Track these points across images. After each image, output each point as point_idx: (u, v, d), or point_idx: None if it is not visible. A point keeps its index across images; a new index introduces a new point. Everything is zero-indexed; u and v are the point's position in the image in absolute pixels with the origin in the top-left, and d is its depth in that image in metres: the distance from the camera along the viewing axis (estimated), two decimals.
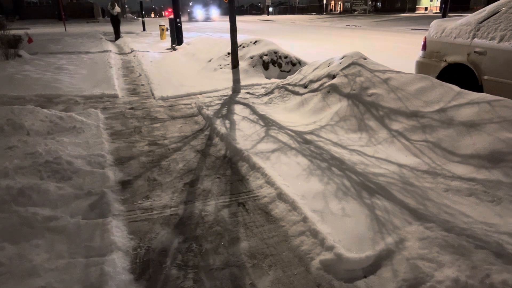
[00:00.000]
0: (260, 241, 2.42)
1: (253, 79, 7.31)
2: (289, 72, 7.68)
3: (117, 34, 16.66)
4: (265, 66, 7.76)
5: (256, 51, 8.03)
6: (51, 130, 4.18)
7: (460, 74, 4.83)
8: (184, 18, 29.87)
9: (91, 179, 3.09)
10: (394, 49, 11.76)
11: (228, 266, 2.19)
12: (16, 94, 6.17)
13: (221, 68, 8.11)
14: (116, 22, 16.41)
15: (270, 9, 71.84)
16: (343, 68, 4.93)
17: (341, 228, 2.38)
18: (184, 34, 13.43)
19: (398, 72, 4.47)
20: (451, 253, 2.03)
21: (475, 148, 3.02)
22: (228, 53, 8.10)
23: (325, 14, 59.34)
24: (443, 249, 2.06)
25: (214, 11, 36.92)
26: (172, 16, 13.27)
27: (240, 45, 8.41)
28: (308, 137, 3.97)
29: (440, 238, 2.14)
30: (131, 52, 12.53)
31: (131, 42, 15.41)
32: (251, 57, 7.86)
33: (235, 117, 4.88)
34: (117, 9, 16.22)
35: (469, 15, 5.03)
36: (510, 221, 2.35)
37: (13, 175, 3.00)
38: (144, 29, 22.17)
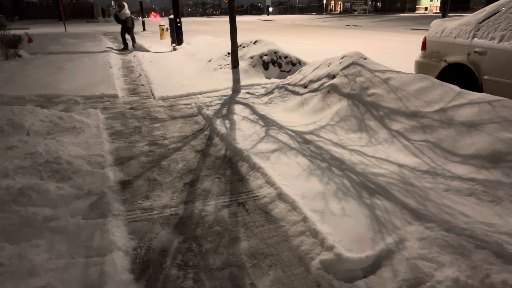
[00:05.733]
0: (260, 241, 2.42)
1: (253, 79, 7.31)
2: (289, 72, 7.68)
3: (125, 43, 13.14)
4: (265, 66, 7.76)
5: (256, 51, 8.02)
6: (51, 130, 4.18)
7: (460, 74, 4.83)
8: None
9: (91, 179, 3.09)
10: (394, 49, 11.76)
11: (228, 266, 2.19)
12: (16, 94, 6.17)
13: (221, 68, 8.11)
14: (124, 29, 12.72)
15: (270, 9, 71.88)
16: (343, 68, 4.93)
17: (341, 228, 2.38)
18: None
19: (398, 72, 4.47)
20: (451, 253, 2.03)
21: (475, 148, 3.02)
22: (228, 53, 8.10)
23: (325, 14, 59.38)
24: (443, 249, 2.06)
25: None
26: (171, 17, 13.27)
27: (240, 45, 8.41)
28: (308, 137, 3.97)
29: (440, 238, 2.14)
30: (131, 52, 12.52)
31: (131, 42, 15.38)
32: (251, 57, 7.86)
33: (235, 117, 4.88)
34: (127, 11, 12.35)
35: (469, 15, 5.02)
36: (510, 221, 2.35)
37: (13, 175, 2.99)
38: (144, 29, 22.19)
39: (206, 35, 13.57)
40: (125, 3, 12.33)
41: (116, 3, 12.43)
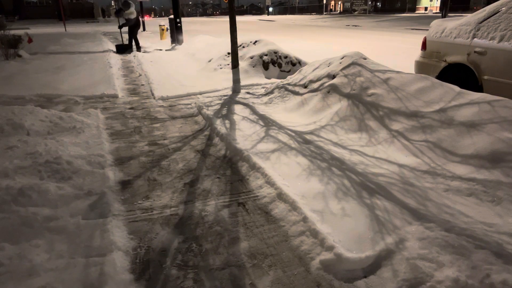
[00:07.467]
0: (260, 241, 2.42)
1: (253, 79, 7.31)
2: (289, 72, 7.68)
3: (137, 45, 12.55)
4: (265, 66, 7.76)
5: (256, 51, 8.03)
6: (51, 130, 4.18)
7: (460, 74, 4.83)
8: None
9: (91, 179, 3.09)
10: (394, 49, 11.76)
11: (228, 266, 2.19)
12: (16, 94, 6.17)
13: (221, 68, 8.11)
14: (131, 29, 12.11)
15: (270, 9, 71.91)
16: (343, 68, 4.93)
17: (341, 228, 2.38)
18: None
19: (398, 72, 4.47)
20: (451, 253, 2.03)
21: (475, 148, 3.02)
22: (228, 53, 8.10)
23: (325, 14, 59.41)
24: (443, 249, 2.06)
25: None
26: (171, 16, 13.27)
27: (240, 45, 8.41)
28: (308, 137, 3.97)
29: (440, 238, 2.14)
30: (131, 52, 12.52)
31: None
32: (251, 57, 7.86)
33: (235, 117, 4.88)
34: (133, 11, 11.71)
35: (469, 15, 5.03)
36: (510, 221, 2.35)
37: (13, 175, 2.99)
38: (144, 29, 22.19)
39: (206, 35, 13.56)
40: (131, 2, 11.58)
41: (122, 2, 11.66)
